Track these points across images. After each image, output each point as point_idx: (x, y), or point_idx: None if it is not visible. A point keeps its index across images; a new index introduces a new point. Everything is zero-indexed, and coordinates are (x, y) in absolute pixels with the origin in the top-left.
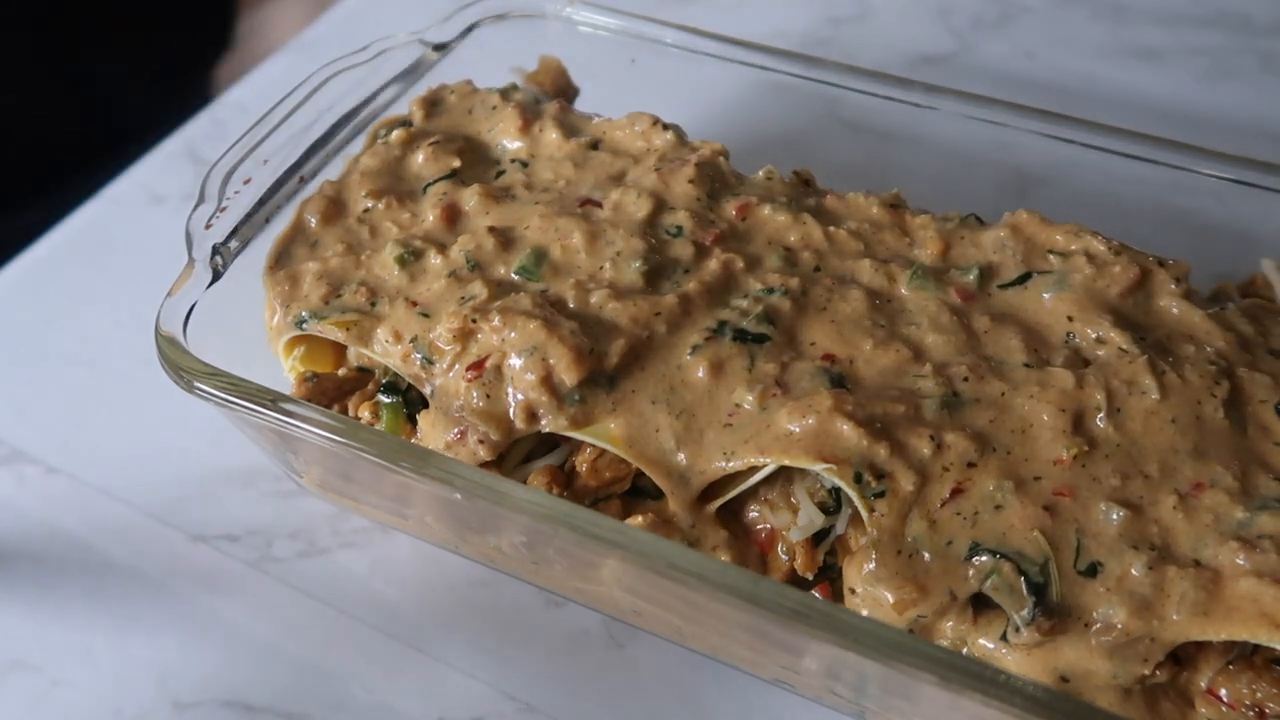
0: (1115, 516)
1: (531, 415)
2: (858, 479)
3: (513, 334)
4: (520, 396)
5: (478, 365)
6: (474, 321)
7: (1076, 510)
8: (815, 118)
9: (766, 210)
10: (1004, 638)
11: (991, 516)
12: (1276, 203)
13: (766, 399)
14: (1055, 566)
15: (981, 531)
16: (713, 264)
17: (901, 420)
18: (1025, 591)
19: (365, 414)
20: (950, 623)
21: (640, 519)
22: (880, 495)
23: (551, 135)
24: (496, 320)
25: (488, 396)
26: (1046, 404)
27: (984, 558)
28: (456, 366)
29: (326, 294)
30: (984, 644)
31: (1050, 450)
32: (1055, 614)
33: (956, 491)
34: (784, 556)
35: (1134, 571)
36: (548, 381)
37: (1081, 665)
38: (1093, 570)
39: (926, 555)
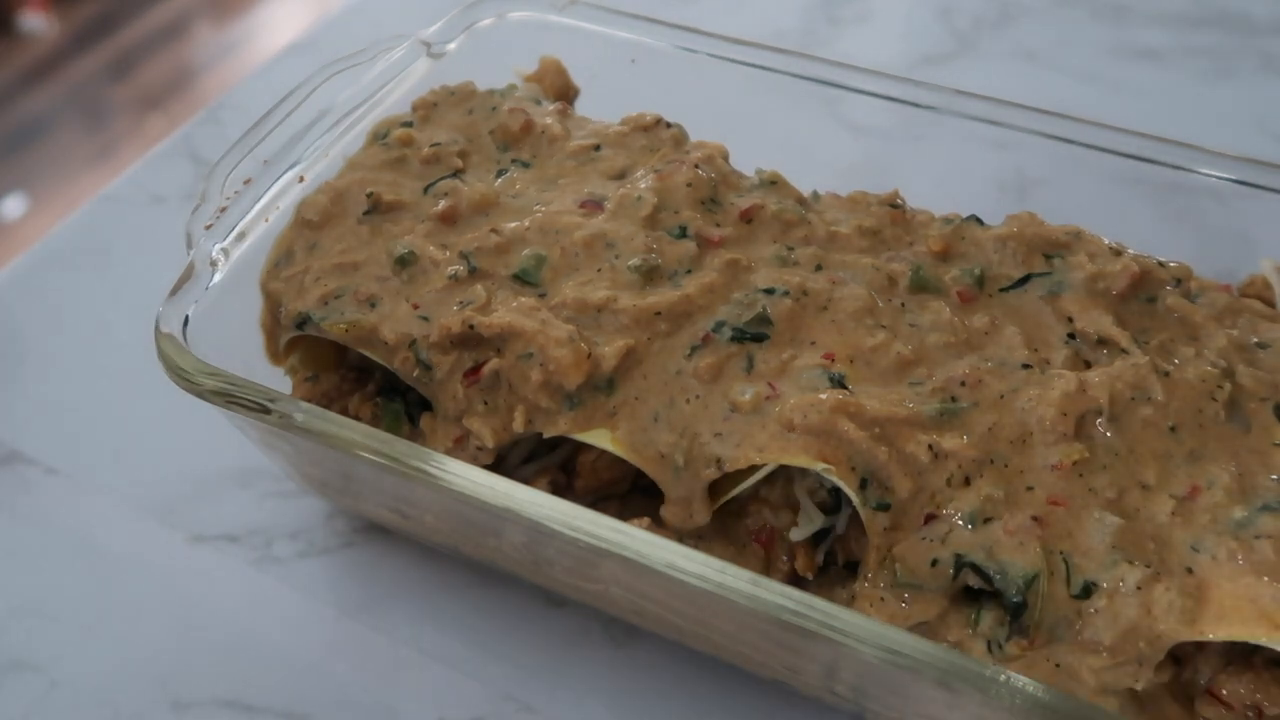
0: (1109, 527)
1: (530, 419)
2: (863, 485)
3: (511, 338)
4: (519, 401)
5: (475, 370)
6: (471, 327)
7: (1069, 521)
8: (815, 118)
9: (771, 210)
10: (989, 649)
11: (980, 530)
12: (1276, 203)
13: (765, 399)
14: (1044, 585)
15: (969, 545)
16: (714, 264)
17: (901, 425)
18: (1002, 612)
19: (365, 415)
20: (951, 627)
21: (640, 520)
22: (885, 507)
23: (552, 136)
24: (495, 325)
25: (485, 402)
26: (1047, 406)
27: (970, 574)
28: (455, 371)
29: (326, 295)
30: (977, 646)
31: (1048, 456)
32: (1032, 634)
33: (949, 504)
34: (784, 557)
35: (1123, 588)
36: (546, 386)
37: (1069, 679)
38: (1086, 591)
39: (917, 572)
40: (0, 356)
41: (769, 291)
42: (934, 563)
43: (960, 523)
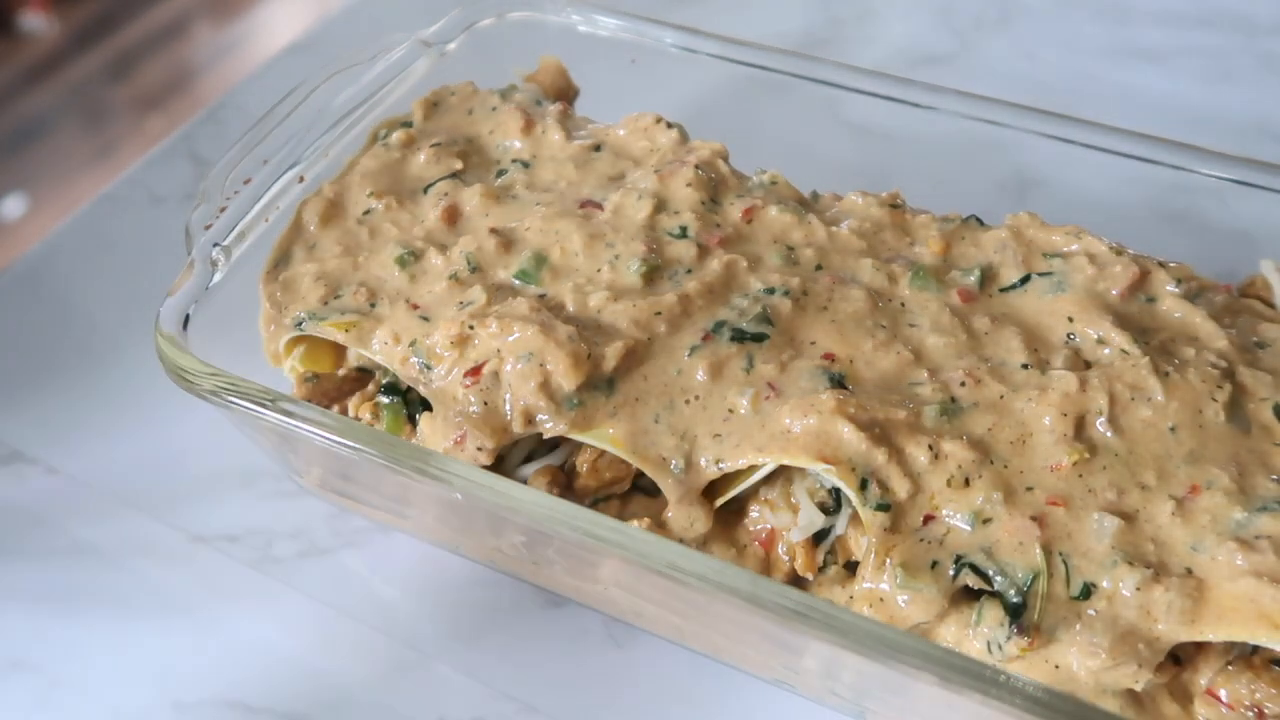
0: (1109, 527)
1: (530, 419)
2: (863, 486)
3: (510, 340)
4: (519, 402)
5: (475, 371)
6: (471, 328)
7: (1069, 522)
8: (815, 118)
9: (772, 211)
10: (989, 650)
11: (979, 531)
12: (1276, 203)
13: (765, 399)
14: (1043, 586)
15: (968, 545)
16: (714, 264)
17: (901, 426)
18: (1002, 613)
19: (365, 415)
20: (951, 627)
21: (640, 520)
22: (885, 508)
23: (553, 136)
24: (494, 326)
25: (485, 403)
26: (1047, 407)
27: (969, 574)
28: (455, 371)
29: (326, 295)
30: (976, 646)
31: (1048, 456)
32: (1032, 633)
33: (948, 504)
34: (784, 556)
35: (1123, 590)
36: (546, 386)
37: (1068, 680)
38: (1086, 592)
39: (917, 573)
40: (1, 356)
41: (769, 291)
42: (934, 564)
43: (960, 523)
